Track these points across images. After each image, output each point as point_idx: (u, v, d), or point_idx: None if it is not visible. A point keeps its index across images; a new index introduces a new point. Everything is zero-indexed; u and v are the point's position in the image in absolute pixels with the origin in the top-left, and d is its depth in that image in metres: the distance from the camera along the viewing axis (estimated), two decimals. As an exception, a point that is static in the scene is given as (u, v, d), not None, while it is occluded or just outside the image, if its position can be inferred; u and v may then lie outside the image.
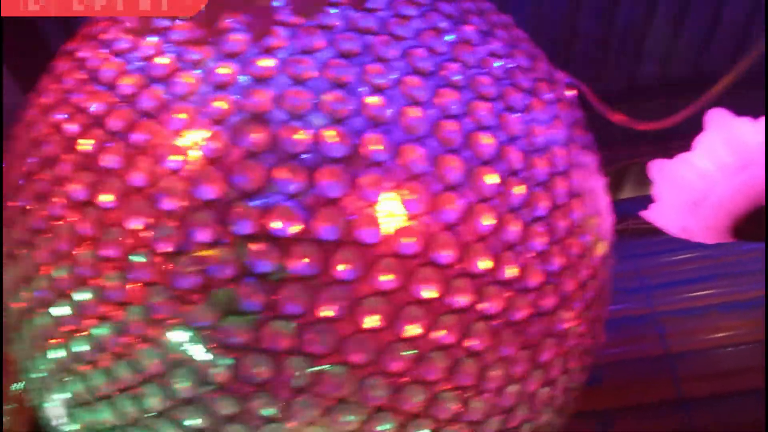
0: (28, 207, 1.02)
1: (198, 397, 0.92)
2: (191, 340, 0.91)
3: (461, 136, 0.97)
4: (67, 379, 1.01)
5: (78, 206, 0.95)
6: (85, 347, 0.97)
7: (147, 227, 0.91)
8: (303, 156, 0.89)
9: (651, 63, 2.08)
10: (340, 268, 0.88)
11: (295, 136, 0.90)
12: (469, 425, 0.99)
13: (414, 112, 0.95)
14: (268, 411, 0.91)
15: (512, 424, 1.04)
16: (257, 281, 0.88)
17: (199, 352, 0.90)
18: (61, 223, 0.96)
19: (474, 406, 0.98)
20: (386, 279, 0.90)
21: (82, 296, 0.96)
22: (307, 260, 0.88)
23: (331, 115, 0.92)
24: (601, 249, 1.14)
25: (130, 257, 0.91)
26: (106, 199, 0.94)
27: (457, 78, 1.00)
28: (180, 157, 0.91)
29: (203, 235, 0.89)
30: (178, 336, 0.91)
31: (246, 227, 0.88)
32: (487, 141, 0.98)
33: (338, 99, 0.93)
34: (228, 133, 0.91)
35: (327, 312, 0.88)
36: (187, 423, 0.93)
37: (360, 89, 0.94)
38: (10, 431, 1.62)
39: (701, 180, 1.41)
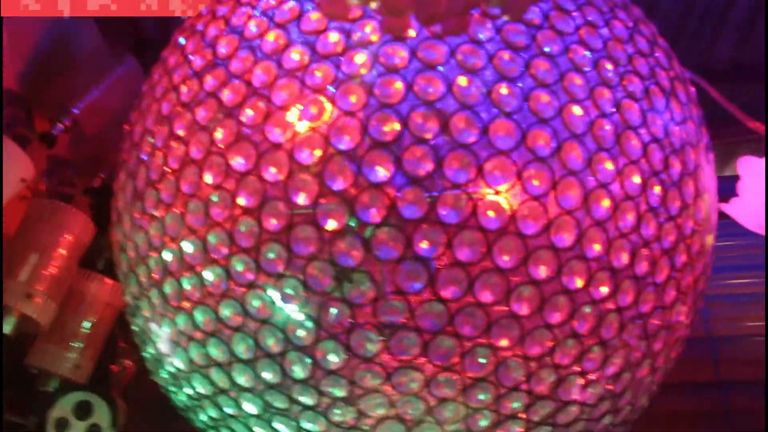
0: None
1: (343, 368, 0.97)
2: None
3: (613, 135, 1.00)
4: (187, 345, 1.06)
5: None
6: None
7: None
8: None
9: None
10: (503, 257, 0.93)
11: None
12: (583, 406, 1.05)
13: (576, 110, 0.98)
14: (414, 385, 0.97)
15: (619, 406, 1.10)
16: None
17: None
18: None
19: (593, 390, 1.04)
20: (538, 269, 0.95)
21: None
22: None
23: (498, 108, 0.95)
24: (711, 243, 1.19)
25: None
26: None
27: (610, 76, 1.03)
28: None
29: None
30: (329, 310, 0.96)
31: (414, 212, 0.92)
32: (634, 141, 1.02)
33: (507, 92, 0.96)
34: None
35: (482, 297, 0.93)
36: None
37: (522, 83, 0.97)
38: (78, 366, 1.67)
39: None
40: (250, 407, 1.04)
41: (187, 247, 1.02)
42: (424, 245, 0.92)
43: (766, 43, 1.59)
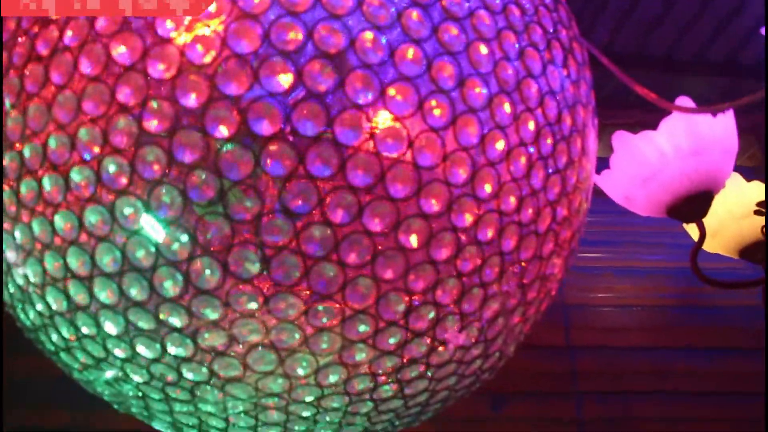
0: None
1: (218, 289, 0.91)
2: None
3: (515, 80, 1.00)
4: (42, 254, 0.97)
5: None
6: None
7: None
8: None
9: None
10: (396, 186, 0.90)
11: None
12: (457, 348, 1.06)
13: (482, 49, 0.96)
14: (291, 312, 0.93)
15: (490, 352, 1.12)
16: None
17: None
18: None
19: (468, 332, 1.05)
20: (430, 202, 0.93)
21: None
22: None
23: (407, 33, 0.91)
24: (585, 206, 1.22)
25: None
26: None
27: (517, 22, 1.02)
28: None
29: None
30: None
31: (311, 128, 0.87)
32: (533, 89, 1.02)
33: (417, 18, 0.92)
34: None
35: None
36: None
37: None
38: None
39: (657, 158, 1.54)
40: (110, 327, 0.96)
41: (52, 143, 0.91)
42: (317, 164, 0.87)
43: (767, 42, 1.64)
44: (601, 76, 1.51)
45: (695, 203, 1.59)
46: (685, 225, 1.96)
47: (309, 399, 1.03)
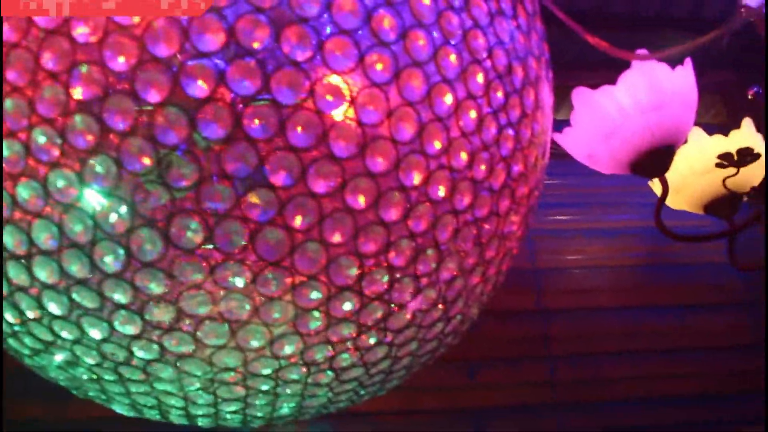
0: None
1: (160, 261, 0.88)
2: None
3: (460, 30, 0.97)
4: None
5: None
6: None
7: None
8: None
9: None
10: (339, 145, 0.87)
11: None
12: (415, 312, 1.03)
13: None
14: (239, 281, 0.90)
15: (451, 314, 1.10)
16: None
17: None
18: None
19: (426, 295, 1.02)
20: (376, 160, 0.90)
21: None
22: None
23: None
24: (544, 162, 1.20)
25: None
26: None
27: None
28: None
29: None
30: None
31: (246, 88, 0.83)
32: (480, 40, 0.99)
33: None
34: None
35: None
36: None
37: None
38: None
39: (618, 113, 1.52)
40: (54, 307, 0.93)
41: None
42: (254, 125, 0.84)
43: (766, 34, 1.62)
44: (565, 39, 1.49)
45: (657, 158, 1.58)
46: (650, 182, 1.95)
47: (266, 372, 1.00)
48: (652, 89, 1.52)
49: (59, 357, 1.01)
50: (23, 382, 1.87)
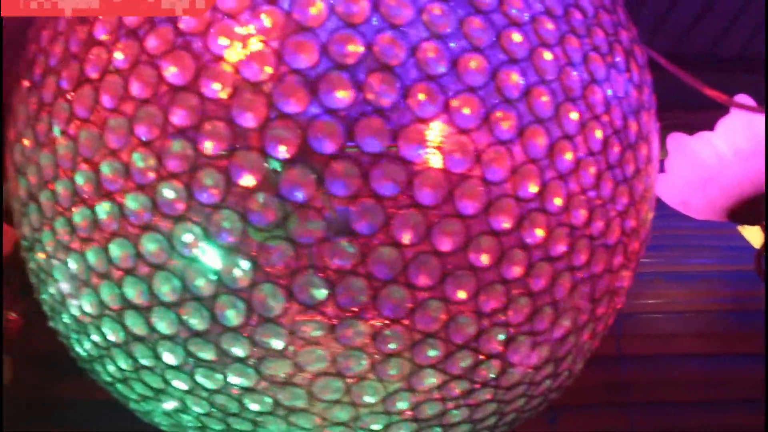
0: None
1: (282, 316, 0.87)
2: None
3: (580, 86, 0.95)
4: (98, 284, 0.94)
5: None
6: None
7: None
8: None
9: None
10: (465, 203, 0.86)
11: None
12: (527, 369, 1.01)
13: (546, 55, 0.92)
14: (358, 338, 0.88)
15: (560, 371, 1.07)
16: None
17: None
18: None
19: (539, 352, 1.00)
20: (500, 219, 0.88)
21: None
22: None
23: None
24: (651, 215, 1.17)
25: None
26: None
27: (578, 25, 0.98)
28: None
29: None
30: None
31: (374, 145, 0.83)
32: (598, 96, 0.97)
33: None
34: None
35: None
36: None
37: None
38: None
39: (716, 160, 1.48)
40: (169, 357, 0.93)
41: (105, 169, 0.88)
42: (382, 183, 0.83)
43: (767, 39, 1.59)
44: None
45: (756, 205, 1.53)
46: (739, 227, 1.89)
47: (376, 427, 0.98)
48: (752, 136, 1.48)
49: (168, 405, 1.01)
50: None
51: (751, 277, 1.75)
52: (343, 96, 0.83)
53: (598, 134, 0.96)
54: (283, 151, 0.82)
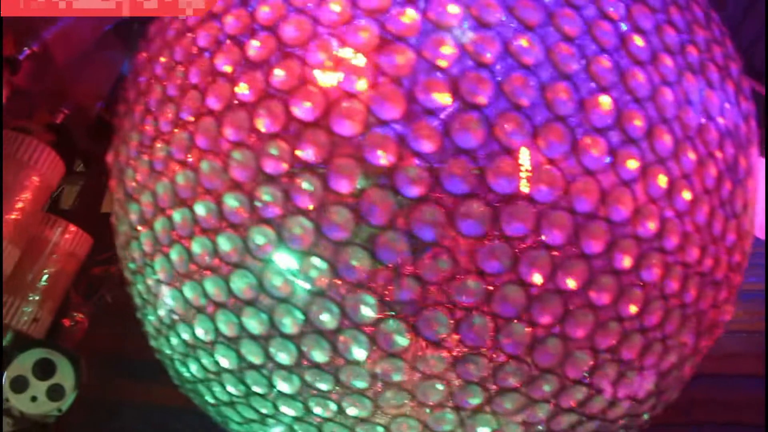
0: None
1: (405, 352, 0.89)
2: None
3: (697, 124, 0.95)
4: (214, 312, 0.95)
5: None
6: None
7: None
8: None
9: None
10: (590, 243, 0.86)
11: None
12: (633, 401, 1.01)
13: (668, 94, 0.92)
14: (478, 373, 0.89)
15: (659, 402, 1.07)
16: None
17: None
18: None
19: (646, 386, 1.00)
20: (622, 259, 0.89)
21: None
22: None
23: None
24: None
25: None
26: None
27: (695, 61, 0.98)
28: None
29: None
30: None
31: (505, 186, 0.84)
32: (713, 133, 0.97)
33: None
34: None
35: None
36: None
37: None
38: (36, 319, 1.51)
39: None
40: (284, 386, 0.94)
41: (229, 201, 0.89)
42: (511, 224, 0.84)
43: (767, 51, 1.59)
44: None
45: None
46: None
47: (485, 457, 0.99)
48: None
49: (274, 430, 1.02)
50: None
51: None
52: (473, 137, 0.83)
53: (713, 171, 0.96)
54: (414, 190, 0.83)
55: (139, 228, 1.01)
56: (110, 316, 1.80)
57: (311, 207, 0.85)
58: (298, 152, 0.86)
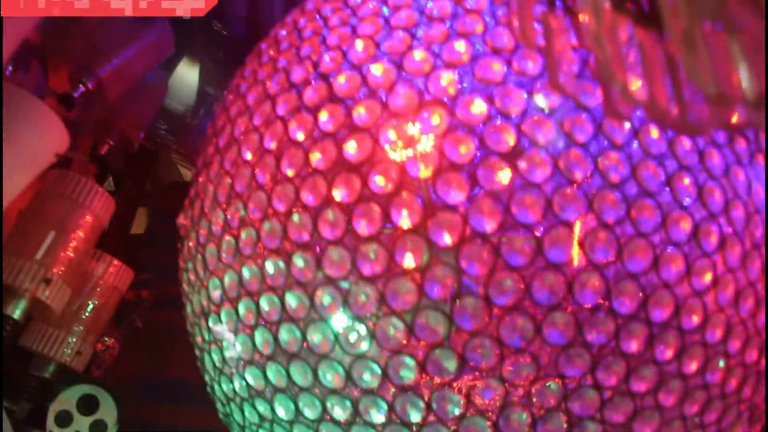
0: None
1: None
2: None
3: (744, 217, 0.99)
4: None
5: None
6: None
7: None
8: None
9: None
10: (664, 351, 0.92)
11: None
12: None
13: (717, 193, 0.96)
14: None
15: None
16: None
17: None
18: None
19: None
20: (691, 364, 0.95)
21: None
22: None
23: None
24: None
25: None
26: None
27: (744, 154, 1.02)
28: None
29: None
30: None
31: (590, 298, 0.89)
32: (759, 227, 1.02)
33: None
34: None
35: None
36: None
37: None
38: (79, 352, 1.54)
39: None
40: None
41: (323, 297, 0.94)
42: (593, 334, 0.89)
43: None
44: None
45: None
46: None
47: None
48: None
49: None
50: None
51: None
52: (563, 251, 0.88)
53: (758, 264, 1.01)
54: (503, 300, 0.88)
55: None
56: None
57: (407, 309, 0.90)
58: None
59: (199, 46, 2.11)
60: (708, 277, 0.93)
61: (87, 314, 1.55)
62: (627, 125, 0.92)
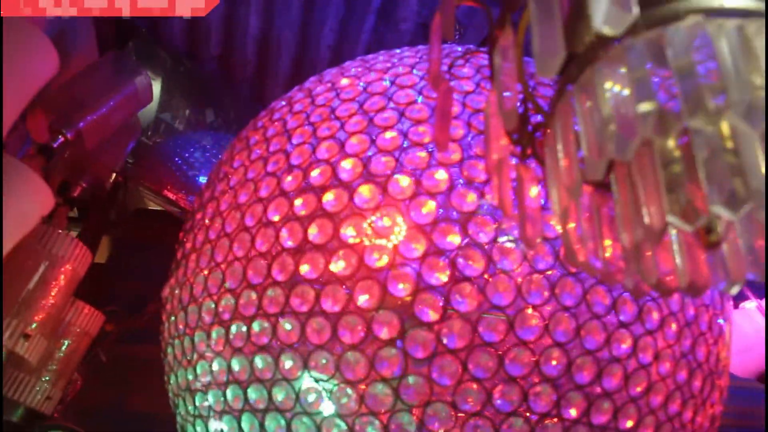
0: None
1: None
2: None
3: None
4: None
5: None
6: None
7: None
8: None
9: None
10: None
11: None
12: None
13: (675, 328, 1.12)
14: None
15: None
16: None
17: None
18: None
19: None
20: None
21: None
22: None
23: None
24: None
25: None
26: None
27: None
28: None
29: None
30: None
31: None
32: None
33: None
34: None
35: None
36: None
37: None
38: (49, 397, 1.60)
39: (754, 333, 1.75)
40: None
41: (306, 395, 1.04)
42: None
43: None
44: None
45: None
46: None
47: None
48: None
49: None
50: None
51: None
52: (524, 364, 1.01)
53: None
54: (469, 406, 1.01)
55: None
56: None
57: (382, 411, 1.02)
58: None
59: (164, 70, 2.16)
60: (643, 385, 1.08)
61: (58, 359, 1.60)
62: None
